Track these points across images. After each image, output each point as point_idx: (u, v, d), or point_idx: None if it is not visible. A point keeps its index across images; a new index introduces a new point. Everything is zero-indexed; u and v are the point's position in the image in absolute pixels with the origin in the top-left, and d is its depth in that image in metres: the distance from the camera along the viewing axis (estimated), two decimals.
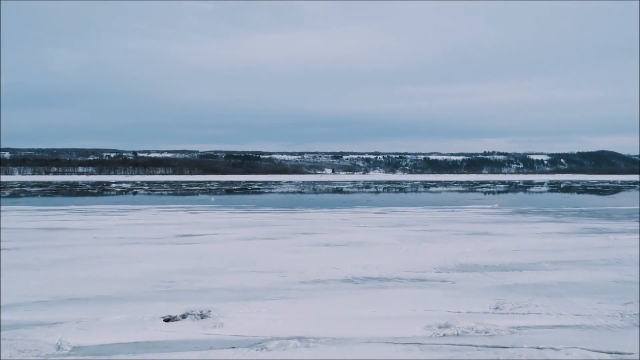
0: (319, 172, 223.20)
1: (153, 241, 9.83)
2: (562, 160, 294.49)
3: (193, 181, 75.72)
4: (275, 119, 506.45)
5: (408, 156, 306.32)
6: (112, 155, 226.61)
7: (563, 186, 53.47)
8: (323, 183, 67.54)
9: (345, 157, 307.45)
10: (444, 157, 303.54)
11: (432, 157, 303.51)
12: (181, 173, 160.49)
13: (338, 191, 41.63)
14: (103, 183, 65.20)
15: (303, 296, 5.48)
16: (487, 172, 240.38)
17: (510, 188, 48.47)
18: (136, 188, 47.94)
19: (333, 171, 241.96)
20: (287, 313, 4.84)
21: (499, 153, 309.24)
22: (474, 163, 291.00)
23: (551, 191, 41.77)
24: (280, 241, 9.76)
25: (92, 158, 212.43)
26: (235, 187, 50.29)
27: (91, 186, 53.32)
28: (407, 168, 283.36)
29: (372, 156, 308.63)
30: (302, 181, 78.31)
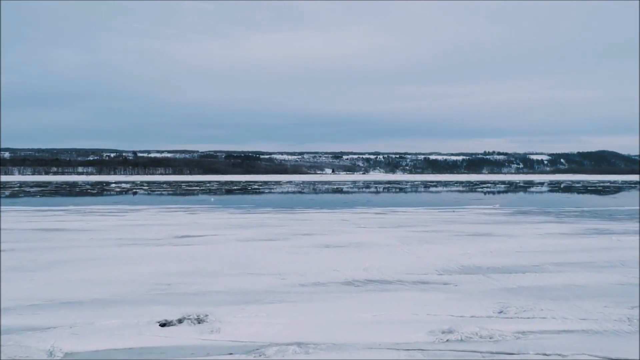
0: (319, 172, 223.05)
1: (151, 242, 9.71)
2: (562, 160, 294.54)
3: (193, 181, 75.59)
4: (275, 119, 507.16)
5: (408, 156, 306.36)
6: (112, 155, 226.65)
7: (563, 186, 53.35)
8: (323, 183, 67.42)
9: (345, 157, 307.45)
10: (444, 157, 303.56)
11: (432, 157, 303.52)
12: (181, 173, 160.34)
13: (338, 191, 41.51)
14: (103, 183, 65.07)
15: (302, 299, 5.37)
16: (487, 172, 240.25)
17: (510, 188, 48.35)
18: (136, 188, 47.82)
19: (333, 171, 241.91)
20: (286, 317, 4.73)
21: (499, 153, 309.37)
22: (474, 163, 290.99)
23: (552, 191, 41.64)
24: (279, 242, 9.65)
25: (92, 158, 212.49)
26: (235, 187, 50.18)
27: (91, 186, 53.19)
28: (407, 168, 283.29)
29: (372, 156, 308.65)
30: (302, 181, 78.19)
